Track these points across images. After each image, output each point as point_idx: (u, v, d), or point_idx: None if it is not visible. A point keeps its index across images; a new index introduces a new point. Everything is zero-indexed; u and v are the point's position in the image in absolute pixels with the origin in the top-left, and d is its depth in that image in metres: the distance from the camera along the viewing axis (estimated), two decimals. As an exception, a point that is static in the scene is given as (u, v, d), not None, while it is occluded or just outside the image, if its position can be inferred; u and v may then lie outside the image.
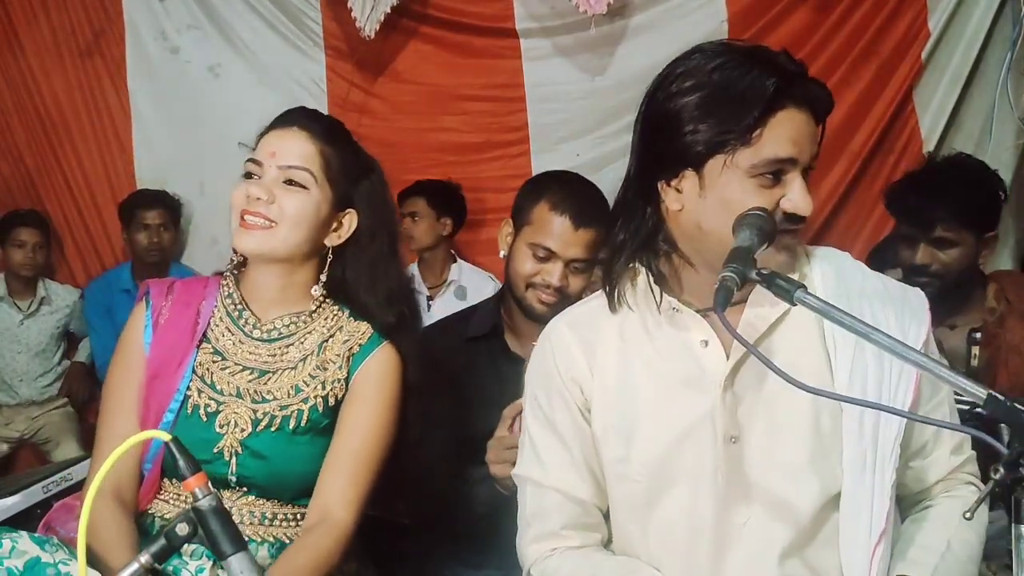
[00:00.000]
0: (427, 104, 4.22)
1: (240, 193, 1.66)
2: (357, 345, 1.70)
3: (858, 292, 1.39)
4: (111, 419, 1.67)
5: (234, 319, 1.72)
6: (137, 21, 4.28)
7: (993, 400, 1.02)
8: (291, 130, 1.68)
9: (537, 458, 1.49)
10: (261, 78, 4.21)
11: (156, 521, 1.65)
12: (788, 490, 1.34)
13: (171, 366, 1.66)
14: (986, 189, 2.44)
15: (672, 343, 1.40)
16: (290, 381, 1.67)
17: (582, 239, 2.01)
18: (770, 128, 1.28)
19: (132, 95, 4.30)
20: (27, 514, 1.97)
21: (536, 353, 1.53)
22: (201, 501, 1.09)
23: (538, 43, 4.10)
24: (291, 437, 1.64)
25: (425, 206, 4.04)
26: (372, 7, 3.89)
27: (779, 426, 1.35)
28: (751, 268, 1.19)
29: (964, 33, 3.76)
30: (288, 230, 1.64)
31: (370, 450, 1.65)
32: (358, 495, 1.62)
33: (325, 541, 1.57)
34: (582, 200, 2.03)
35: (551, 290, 2.02)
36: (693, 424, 1.37)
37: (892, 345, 1.11)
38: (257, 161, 1.67)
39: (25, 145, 4.35)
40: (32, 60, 4.30)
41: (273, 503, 1.65)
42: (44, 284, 4.26)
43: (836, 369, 1.35)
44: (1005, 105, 3.69)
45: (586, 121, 4.11)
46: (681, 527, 1.38)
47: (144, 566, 1.08)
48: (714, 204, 1.32)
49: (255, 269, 1.72)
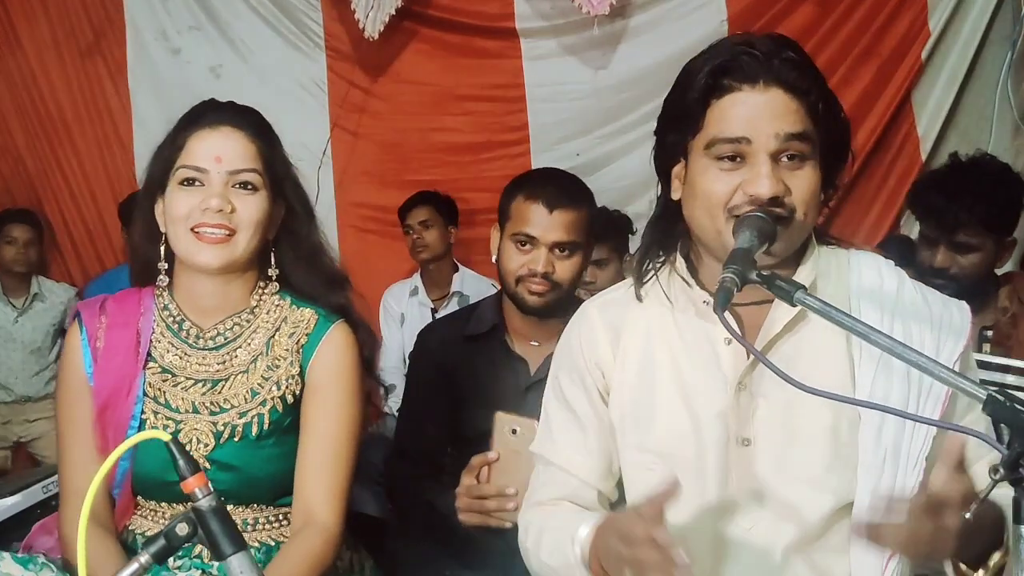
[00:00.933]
0: (427, 104, 4.22)
1: (188, 203, 1.57)
2: (304, 336, 1.65)
3: (892, 301, 1.35)
4: (72, 454, 1.61)
5: (175, 332, 1.65)
6: (138, 21, 4.28)
7: (993, 400, 1.02)
8: (227, 130, 1.60)
9: (551, 436, 1.50)
10: (262, 79, 4.21)
11: (137, 538, 1.62)
12: (800, 498, 1.31)
13: (120, 394, 1.59)
14: (1010, 193, 2.42)
15: (698, 337, 1.39)
16: (245, 386, 1.62)
17: (559, 221, 2.04)
18: (713, 109, 1.30)
19: (133, 95, 4.31)
20: (27, 514, 1.97)
21: (564, 334, 1.54)
22: (201, 501, 1.09)
23: (539, 43, 4.10)
24: (256, 443, 1.60)
25: (435, 214, 4.03)
26: (376, 8, 3.90)
27: (795, 432, 1.32)
28: (751, 269, 1.19)
29: (963, 33, 3.76)
30: (248, 237, 1.59)
31: (344, 444, 1.61)
32: (339, 493, 1.59)
33: (314, 545, 1.54)
34: (555, 185, 2.08)
35: (538, 278, 2.04)
36: (706, 422, 1.35)
37: (892, 346, 1.10)
38: (200, 168, 1.58)
39: (25, 145, 4.37)
40: (32, 60, 4.31)
41: (253, 508, 1.62)
42: (38, 281, 4.27)
43: (859, 375, 1.31)
44: (1004, 105, 3.69)
45: (586, 121, 4.11)
46: (686, 527, 1.36)
47: (144, 566, 1.08)
48: (691, 191, 1.34)
49: (192, 278, 1.64)
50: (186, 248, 1.58)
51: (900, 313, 1.35)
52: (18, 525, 1.91)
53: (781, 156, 1.29)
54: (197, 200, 1.57)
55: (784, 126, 1.28)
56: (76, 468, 1.60)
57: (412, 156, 4.23)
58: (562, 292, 2.07)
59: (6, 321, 4.17)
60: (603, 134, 4.07)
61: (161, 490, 1.60)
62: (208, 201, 1.55)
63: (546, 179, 2.13)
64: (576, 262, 2.08)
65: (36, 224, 4.27)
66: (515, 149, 4.17)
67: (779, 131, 1.27)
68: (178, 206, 1.58)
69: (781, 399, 1.32)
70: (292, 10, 4.20)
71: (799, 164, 1.30)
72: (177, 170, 1.59)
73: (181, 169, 1.59)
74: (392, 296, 4.16)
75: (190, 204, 1.57)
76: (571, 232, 2.05)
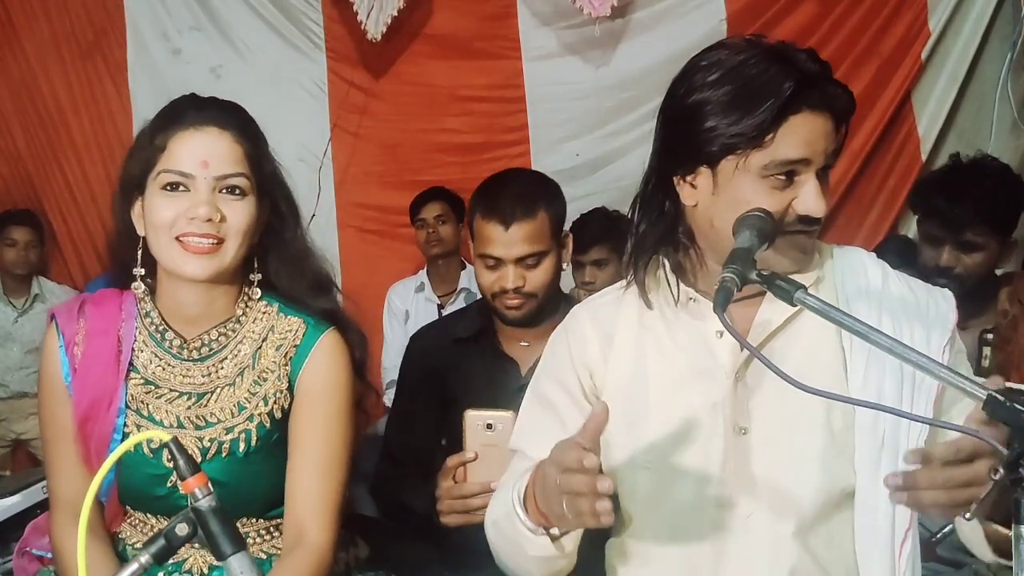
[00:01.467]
0: (427, 105, 4.23)
1: (172, 210, 1.47)
2: (292, 347, 1.57)
3: (878, 295, 1.38)
4: (56, 463, 1.56)
5: (158, 341, 1.56)
6: (139, 22, 4.28)
7: (993, 401, 1.02)
8: (213, 131, 1.50)
9: (530, 432, 1.49)
10: (262, 79, 4.21)
11: (128, 548, 1.58)
12: (795, 485, 1.33)
13: (101, 407, 1.52)
14: (1011, 194, 2.43)
15: (689, 333, 1.41)
16: (231, 400, 1.55)
17: (517, 236, 2.01)
18: (784, 131, 1.27)
19: (133, 96, 4.30)
20: (27, 514, 1.97)
21: (552, 336, 1.55)
22: (201, 501, 1.09)
23: (538, 43, 4.10)
24: (244, 459, 1.53)
25: (448, 209, 4.03)
26: (377, 9, 3.90)
27: (789, 420, 1.34)
28: (751, 269, 1.19)
29: (963, 33, 3.76)
30: (236, 245, 1.50)
31: (335, 458, 1.55)
32: (331, 509, 1.54)
33: (304, 566, 1.50)
34: (508, 196, 2.04)
35: (510, 293, 2.03)
36: (703, 414, 1.37)
37: (892, 346, 1.11)
38: (185, 173, 1.47)
39: (25, 145, 4.36)
40: (32, 60, 4.30)
41: (243, 522, 1.56)
42: (39, 282, 4.27)
43: (851, 368, 1.34)
44: (1004, 105, 3.69)
45: (586, 121, 4.11)
46: (685, 516, 1.38)
47: (144, 566, 1.08)
48: (727, 203, 1.32)
49: (175, 285, 1.54)
50: (170, 257, 1.49)
51: (887, 306, 1.37)
52: (18, 525, 1.91)
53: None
54: (183, 207, 1.47)
55: (832, 147, 1.32)
56: (62, 475, 1.55)
57: (412, 156, 4.23)
58: (540, 299, 2.06)
59: (6, 321, 4.17)
60: (603, 134, 4.08)
61: (148, 503, 1.56)
62: (196, 210, 1.46)
63: (499, 189, 2.08)
64: (547, 267, 2.05)
65: (37, 225, 4.27)
66: (515, 149, 4.17)
67: (829, 151, 1.32)
68: (161, 213, 1.48)
69: (775, 387, 1.32)
70: (292, 11, 4.20)
71: (826, 178, 1.34)
72: (159, 174, 1.49)
73: (164, 174, 1.48)
74: (396, 293, 4.16)
75: (175, 211, 1.47)
76: (533, 242, 2.02)
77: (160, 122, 1.53)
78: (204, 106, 1.55)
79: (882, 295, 1.38)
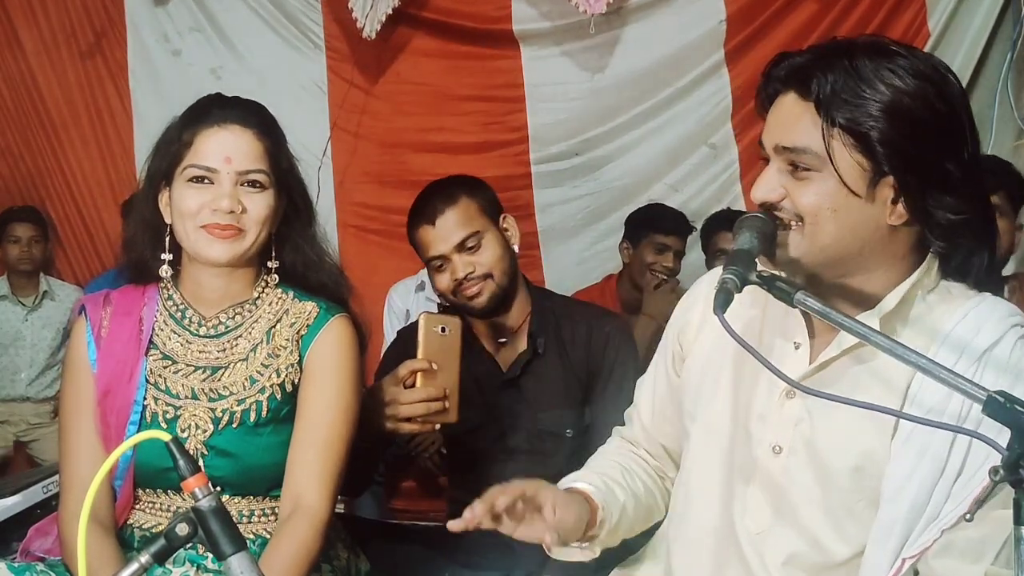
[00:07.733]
0: (427, 105, 4.22)
1: (197, 201, 1.60)
2: (305, 326, 1.67)
3: (977, 355, 1.23)
4: (73, 447, 1.63)
5: (178, 320, 1.68)
6: (139, 23, 4.29)
7: (993, 402, 1.02)
8: (236, 129, 1.62)
9: (639, 390, 1.59)
10: (262, 80, 4.20)
11: (136, 532, 1.63)
12: (811, 522, 1.30)
13: (122, 379, 1.62)
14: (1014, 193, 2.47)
15: (775, 336, 1.37)
16: (244, 373, 1.64)
17: (446, 226, 2.07)
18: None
19: (134, 97, 4.31)
20: (27, 514, 1.98)
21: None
22: (201, 501, 1.09)
23: (537, 43, 4.10)
24: (254, 430, 1.62)
25: None
26: (372, 7, 3.90)
27: (823, 457, 1.29)
28: (751, 270, 1.19)
29: (964, 33, 3.76)
30: (256, 233, 1.63)
31: (337, 430, 1.62)
32: (330, 478, 1.60)
33: (302, 530, 1.55)
34: (428, 200, 2.11)
35: (467, 283, 2.07)
36: (750, 419, 1.35)
37: (892, 347, 1.11)
38: (210, 168, 1.60)
39: (25, 145, 4.37)
40: (32, 60, 4.30)
41: (248, 499, 1.64)
42: (46, 280, 4.28)
43: (902, 424, 1.24)
44: (1005, 105, 3.69)
45: (586, 121, 4.11)
46: (699, 509, 1.39)
47: (144, 566, 1.08)
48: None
49: (198, 269, 1.67)
50: (195, 242, 1.61)
51: (987, 366, 1.23)
52: (18, 525, 1.91)
53: None
54: (207, 198, 1.59)
55: (795, 128, 1.28)
56: (79, 456, 1.61)
57: (412, 156, 4.23)
58: (497, 278, 2.08)
59: (16, 319, 4.19)
60: (602, 134, 4.08)
61: (162, 478, 1.61)
62: (219, 202, 1.58)
63: (420, 199, 2.15)
64: (490, 246, 2.08)
65: (40, 222, 4.28)
66: (515, 149, 4.17)
67: (787, 135, 1.29)
68: (187, 203, 1.60)
69: (823, 418, 1.29)
70: (292, 11, 4.20)
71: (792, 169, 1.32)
72: (186, 168, 1.61)
73: (190, 168, 1.61)
74: (397, 293, 4.15)
75: (199, 202, 1.60)
76: (463, 226, 2.07)
77: (187, 119, 1.65)
78: (228, 105, 1.66)
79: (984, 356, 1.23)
